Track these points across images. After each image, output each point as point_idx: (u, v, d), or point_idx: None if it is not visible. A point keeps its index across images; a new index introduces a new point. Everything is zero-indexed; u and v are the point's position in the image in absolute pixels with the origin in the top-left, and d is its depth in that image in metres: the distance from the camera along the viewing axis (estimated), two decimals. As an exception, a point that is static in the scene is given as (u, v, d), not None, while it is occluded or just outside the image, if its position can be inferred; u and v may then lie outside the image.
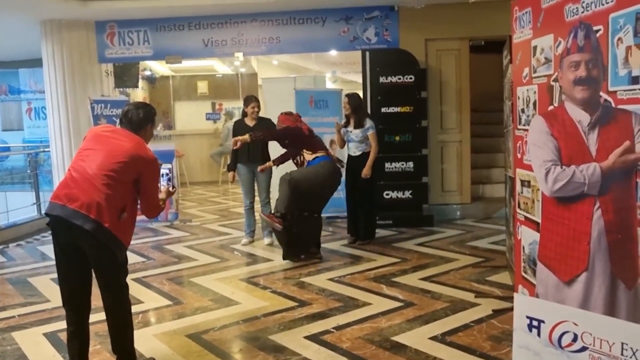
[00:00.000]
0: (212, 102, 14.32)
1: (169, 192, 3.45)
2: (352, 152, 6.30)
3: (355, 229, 6.49)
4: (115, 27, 8.07)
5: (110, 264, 3.09)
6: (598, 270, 2.45)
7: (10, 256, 6.54)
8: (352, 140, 6.24)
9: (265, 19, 7.89)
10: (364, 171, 6.14)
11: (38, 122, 11.57)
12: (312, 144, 5.70)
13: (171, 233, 7.44)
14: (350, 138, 6.25)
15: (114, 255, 3.07)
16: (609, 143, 2.34)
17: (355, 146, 6.24)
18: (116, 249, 3.05)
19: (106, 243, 2.98)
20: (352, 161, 6.30)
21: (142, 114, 3.24)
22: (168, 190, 3.45)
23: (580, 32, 2.43)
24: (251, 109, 6.25)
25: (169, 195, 3.45)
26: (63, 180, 3.10)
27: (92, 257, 3.05)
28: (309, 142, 5.70)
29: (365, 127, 6.16)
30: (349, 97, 6.32)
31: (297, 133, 5.67)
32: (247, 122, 6.29)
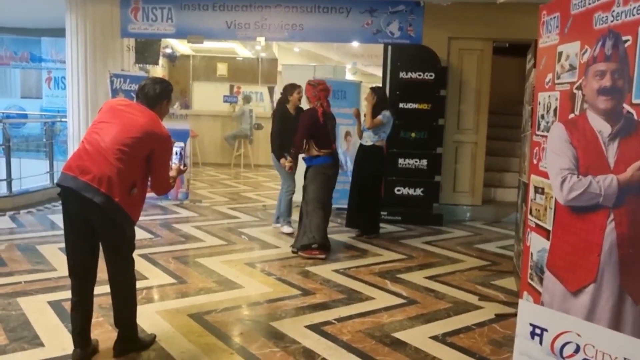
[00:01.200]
0: (231, 84, 14.31)
1: (179, 170, 3.43)
2: (364, 141, 6.29)
3: (356, 222, 6.46)
4: (140, 2, 8.06)
5: (118, 238, 3.12)
6: (606, 283, 2.42)
7: (20, 222, 6.61)
8: (366, 130, 6.24)
9: (289, 5, 7.85)
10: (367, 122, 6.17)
11: (57, 92, 11.65)
12: (321, 138, 5.57)
13: (180, 212, 7.48)
14: (366, 128, 6.24)
15: (123, 229, 3.08)
16: (628, 155, 2.30)
17: (368, 135, 6.23)
18: (125, 223, 3.06)
19: (115, 217, 3.00)
20: (362, 150, 6.32)
21: (159, 89, 3.23)
22: (179, 168, 3.43)
23: (609, 41, 2.38)
24: (297, 94, 6.24)
25: (179, 174, 3.44)
26: (76, 152, 3.11)
27: (101, 231, 3.07)
28: (320, 134, 5.56)
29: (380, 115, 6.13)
30: (373, 89, 6.31)
31: (312, 125, 5.54)
32: (290, 109, 6.31)
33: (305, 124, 5.57)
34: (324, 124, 5.58)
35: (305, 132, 5.56)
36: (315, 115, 5.55)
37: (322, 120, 5.56)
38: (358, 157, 6.39)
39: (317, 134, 5.56)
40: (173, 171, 3.38)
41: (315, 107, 5.60)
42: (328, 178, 5.60)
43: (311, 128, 5.54)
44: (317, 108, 5.58)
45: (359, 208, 6.39)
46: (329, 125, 5.65)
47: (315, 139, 5.56)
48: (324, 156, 5.58)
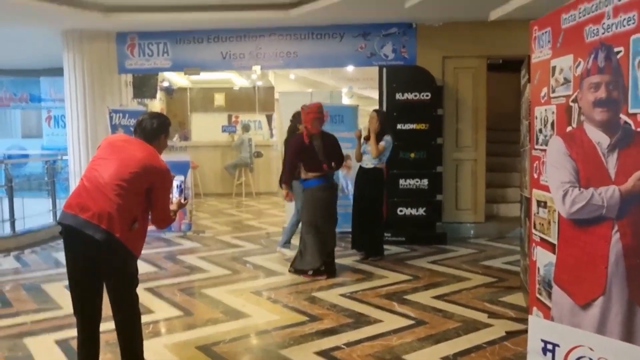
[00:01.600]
0: (229, 114, 14.41)
1: (180, 204, 3.42)
2: (365, 164, 6.30)
3: (360, 244, 6.46)
4: (136, 38, 8.17)
5: (120, 274, 3.11)
6: (615, 295, 2.41)
7: (25, 262, 6.59)
8: (368, 152, 6.24)
9: (283, 33, 7.96)
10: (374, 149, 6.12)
11: (57, 130, 11.72)
12: (308, 161, 5.62)
13: (184, 244, 7.46)
14: (368, 150, 6.23)
15: (125, 265, 3.08)
16: (628, 166, 2.31)
17: (368, 158, 6.24)
18: (127, 259, 3.06)
19: (117, 253, 2.99)
20: (363, 173, 6.32)
21: (156, 123, 3.24)
22: (180, 201, 3.42)
23: (601, 54, 2.41)
24: None
25: (180, 207, 3.43)
26: (76, 189, 3.11)
27: (103, 267, 3.05)
28: (306, 157, 5.62)
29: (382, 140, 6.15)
30: (377, 112, 6.34)
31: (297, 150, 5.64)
32: None
33: (290, 150, 5.74)
34: (310, 146, 5.58)
35: (290, 158, 5.73)
36: (300, 140, 5.63)
37: (308, 142, 5.57)
38: (359, 180, 6.40)
39: (304, 158, 5.63)
40: (174, 205, 3.37)
41: (301, 131, 5.68)
42: (318, 200, 5.61)
43: (296, 153, 5.66)
44: (302, 131, 5.65)
45: (361, 230, 6.38)
46: (317, 147, 5.58)
47: (303, 162, 5.65)
48: (313, 179, 5.61)
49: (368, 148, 6.23)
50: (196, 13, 7.24)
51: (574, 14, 3.10)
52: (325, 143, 5.66)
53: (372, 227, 6.37)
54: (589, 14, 2.93)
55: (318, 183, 5.61)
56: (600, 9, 2.82)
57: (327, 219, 5.68)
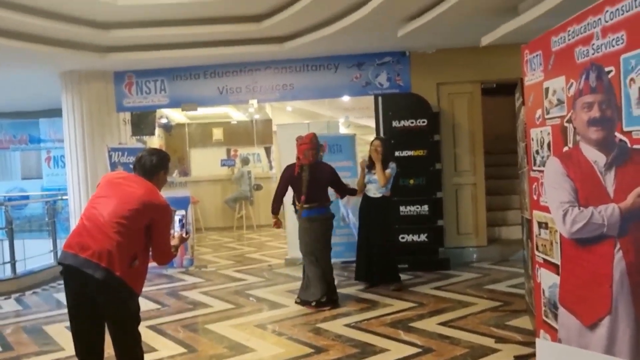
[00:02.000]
0: (227, 148, 14.48)
1: (182, 239, 3.42)
2: (372, 193, 6.24)
3: (367, 274, 6.36)
4: (133, 77, 8.27)
5: (121, 313, 3.08)
6: (622, 314, 2.39)
7: (26, 304, 6.54)
8: (374, 181, 6.18)
9: (278, 67, 8.05)
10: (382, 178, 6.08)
11: (57, 170, 11.76)
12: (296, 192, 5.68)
13: (186, 279, 7.41)
14: (374, 179, 6.18)
15: (126, 304, 3.06)
16: (626, 183, 2.32)
17: (376, 187, 6.19)
18: (128, 297, 3.04)
19: (117, 292, 2.98)
20: (371, 203, 6.25)
21: (155, 160, 3.25)
22: (181, 236, 3.41)
23: (592, 74, 2.44)
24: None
25: (182, 242, 3.43)
26: (75, 229, 3.12)
27: (104, 306, 3.03)
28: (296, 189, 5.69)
29: (388, 168, 6.15)
30: (382, 140, 6.33)
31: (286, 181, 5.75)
32: None
33: (281, 179, 5.86)
34: (299, 177, 5.60)
35: (279, 186, 5.84)
36: (290, 171, 5.72)
37: (298, 173, 5.61)
38: (365, 209, 6.31)
39: (294, 188, 5.71)
40: (175, 240, 3.37)
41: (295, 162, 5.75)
42: (307, 230, 5.63)
43: (285, 183, 5.76)
44: (296, 163, 5.71)
45: (370, 261, 6.30)
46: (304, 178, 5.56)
47: (294, 193, 5.73)
48: (304, 209, 5.63)
49: (373, 177, 6.19)
50: (192, 49, 7.33)
51: (564, 36, 3.16)
52: (314, 175, 5.62)
53: (388, 256, 6.30)
54: (578, 36, 2.98)
55: (306, 214, 5.63)
56: (589, 30, 2.86)
57: (322, 249, 5.66)
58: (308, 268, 5.65)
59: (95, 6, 5.97)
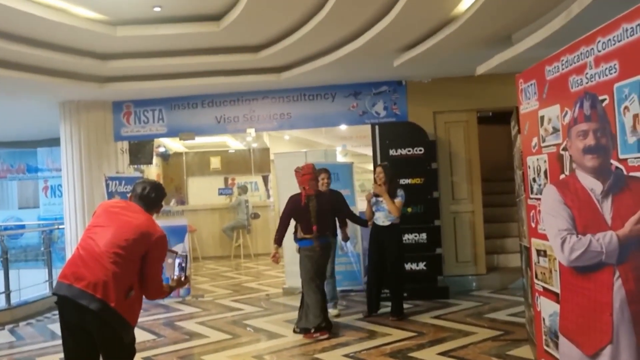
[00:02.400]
0: (225, 177, 14.49)
1: (180, 282, 3.37)
2: (381, 221, 6.20)
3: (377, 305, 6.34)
4: (131, 106, 8.33)
5: (116, 344, 3.03)
6: (623, 343, 2.36)
7: (19, 335, 6.44)
8: (382, 209, 6.17)
9: (276, 96, 8.12)
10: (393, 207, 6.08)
11: (54, 200, 11.74)
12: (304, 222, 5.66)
13: (183, 309, 7.33)
14: (381, 207, 6.17)
15: (120, 336, 3.00)
16: (623, 211, 2.32)
17: (384, 215, 6.16)
18: (122, 329, 2.99)
19: (112, 323, 2.94)
20: (380, 231, 6.21)
21: (154, 195, 3.27)
22: (179, 279, 3.36)
23: (586, 102, 2.46)
24: (321, 180, 6.14)
25: (180, 285, 3.39)
26: (71, 258, 3.07)
27: (98, 338, 2.99)
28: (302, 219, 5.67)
29: (397, 196, 6.14)
30: (384, 167, 6.31)
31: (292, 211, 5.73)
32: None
33: (285, 210, 5.81)
34: (305, 207, 5.62)
35: (284, 217, 5.76)
36: (297, 200, 5.69)
37: (305, 204, 5.62)
38: (376, 238, 6.27)
39: (300, 219, 5.69)
40: (173, 282, 3.34)
41: (300, 192, 5.73)
42: (310, 259, 5.61)
43: (291, 214, 5.73)
44: (301, 192, 5.71)
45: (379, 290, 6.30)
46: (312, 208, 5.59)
47: (299, 223, 5.71)
48: (305, 239, 5.63)
49: (381, 205, 6.16)
50: (190, 79, 7.41)
51: (557, 66, 3.20)
52: (321, 203, 5.68)
53: (397, 286, 6.26)
54: (571, 65, 3.02)
55: (309, 244, 5.61)
56: (582, 59, 2.91)
57: (320, 276, 5.69)
58: (309, 295, 5.60)
59: (94, 37, 6.03)
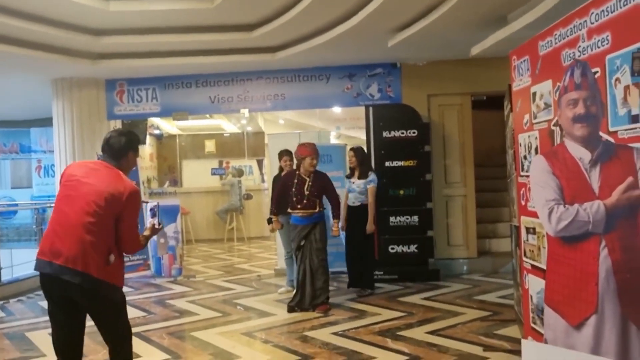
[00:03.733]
0: (220, 160, 14.45)
1: (153, 229, 3.31)
2: (352, 202, 6.45)
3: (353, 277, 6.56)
4: (124, 85, 8.26)
5: (106, 309, 3.05)
6: (608, 313, 2.37)
7: (9, 311, 6.43)
8: (352, 190, 6.41)
9: (270, 77, 8.08)
10: (368, 227, 6.29)
11: (47, 180, 11.71)
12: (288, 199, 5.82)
13: (174, 288, 7.33)
14: (352, 188, 6.41)
15: (110, 299, 3.01)
16: (611, 180, 2.31)
17: (354, 197, 6.40)
18: (111, 293, 3.00)
19: (99, 292, 2.94)
20: (351, 212, 6.43)
21: (124, 140, 3.12)
22: (153, 226, 3.31)
23: (577, 70, 2.45)
24: (283, 162, 6.48)
25: (154, 233, 3.34)
26: (46, 232, 3.03)
27: (88, 308, 3.02)
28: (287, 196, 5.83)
29: (368, 179, 6.33)
30: (355, 150, 6.54)
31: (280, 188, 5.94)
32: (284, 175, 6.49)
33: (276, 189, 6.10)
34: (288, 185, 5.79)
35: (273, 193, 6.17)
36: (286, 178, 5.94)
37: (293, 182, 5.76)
38: (348, 218, 6.46)
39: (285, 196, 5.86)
40: (147, 230, 3.30)
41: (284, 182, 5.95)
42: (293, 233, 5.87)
43: (279, 190, 5.96)
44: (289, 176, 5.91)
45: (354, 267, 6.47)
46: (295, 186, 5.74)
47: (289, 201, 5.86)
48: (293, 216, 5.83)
49: (353, 185, 6.40)
50: (184, 58, 7.35)
51: (550, 40, 3.18)
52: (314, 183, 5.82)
53: (365, 262, 6.45)
54: (564, 39, 3.00)
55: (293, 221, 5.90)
56: (575, 32, 2.88)
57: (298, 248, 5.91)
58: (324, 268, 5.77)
59: (87, 12, 5.97)
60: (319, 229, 5.73)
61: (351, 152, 6.54)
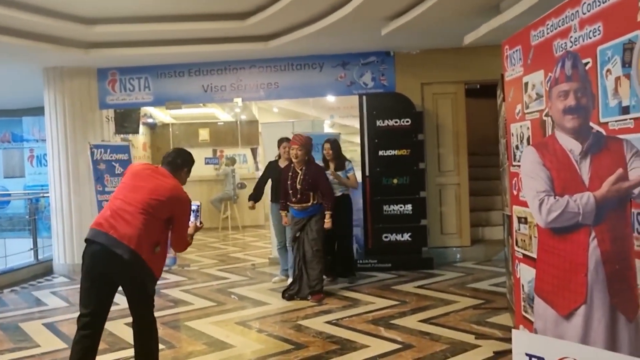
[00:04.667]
0: (214, 149, 14.42)
1: (196, 228, 3.68)
2: None
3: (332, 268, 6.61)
4: (116, 74, 8.20)
5: (143, 294, 3.31)
6: (597, 303, 2.39)
7: (3, 302, 6.43)
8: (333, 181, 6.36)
9: (263, 65, 8.03)
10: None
11: (39, 169, 11.64)
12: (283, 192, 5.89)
13: (168, 277, 7.34)
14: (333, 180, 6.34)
15: (146, 286, 3.29)
16: (601, 171, 2.32)
17: (336, 187, 6.38)
18: (148, 279, 3.27)
19: (141, 273, 3.21)
20: None
21: (180, 160, 3.56)
22: (196, 225, 3.68)
23: (568, 62, 2.45)
24: (282, 149, 6.47)
25: (196, 231, 3.68)
26: (104, 210, 3.32)
27: (127, 286, 3.27)
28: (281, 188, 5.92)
29: (346, 169, 6.45)
30: (331, 142, 6.58)
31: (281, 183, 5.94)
32: (280, 163, 6.57)
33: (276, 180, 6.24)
34: (284, 179, 5.82)
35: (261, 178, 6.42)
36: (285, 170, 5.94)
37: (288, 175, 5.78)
38: None
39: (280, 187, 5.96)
40: (191, 229, 3.62)
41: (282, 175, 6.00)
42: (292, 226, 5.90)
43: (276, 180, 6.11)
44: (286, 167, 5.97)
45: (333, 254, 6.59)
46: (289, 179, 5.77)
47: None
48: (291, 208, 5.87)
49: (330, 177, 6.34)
50: (176, 47, 7.29)
51: (543, 30, 3.17)
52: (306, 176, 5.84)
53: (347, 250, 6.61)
54: (556, 29, 2.99)
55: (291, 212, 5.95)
56: (567, 23, 2.88)
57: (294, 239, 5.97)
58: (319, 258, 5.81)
59: (77, 0, 5.90)
60: (315, 221, 5.74)
61: (327, 145, 6.53)
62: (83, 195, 7.94)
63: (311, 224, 5.74)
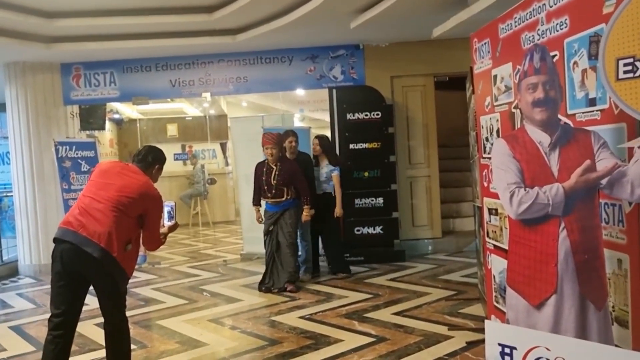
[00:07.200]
0: (182, 144, 14.22)
1: (171, 228, 3.63)
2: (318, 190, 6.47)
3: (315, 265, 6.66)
4: (81, 69, 8.01)
5: (114, 292, 3.25)
6: (567, 292, 2.42)
7: (-33, 305, 6.25)
8: (317, 178, 6.43)
9: (232, 59, 7.95)
10: (337, 210, 6.36)
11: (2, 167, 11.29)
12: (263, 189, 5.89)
13: (139, 276, 7.22)
14: (316, 175, 6.44)
15: (117, 284, 3.23)
16: (570, 163, 2.35)
17: (317, 185, 6.43)
18: (120, 278, 3.21)
19: (112, 272, 3.15)
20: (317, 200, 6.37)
21: (151, 157, 3.50)
22: (170, 226, 3.63)
23: (536, 55, 2.47)
24: (289, 143, 6.24)
25: (171, 230, 3.63)
26: (73, 209, 3.27)
27: (98, 285, 3.22)
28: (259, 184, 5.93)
29: (330, 169, 6.42)
30: (320, 138, 6.59)
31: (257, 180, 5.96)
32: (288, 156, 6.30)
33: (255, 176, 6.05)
34: (259, 175, 5.87)
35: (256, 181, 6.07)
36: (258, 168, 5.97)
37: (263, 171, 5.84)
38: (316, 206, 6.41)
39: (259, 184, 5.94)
40: (165, 229, 3.58)
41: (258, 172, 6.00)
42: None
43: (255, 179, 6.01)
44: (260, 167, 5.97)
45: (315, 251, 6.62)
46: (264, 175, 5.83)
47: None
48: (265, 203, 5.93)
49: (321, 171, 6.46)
50: (142, 41, 7.15)
51: (510, 23, 3.20)
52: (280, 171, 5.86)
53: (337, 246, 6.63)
54: (524, 22, 3.02)
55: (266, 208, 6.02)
56: (534, 16, 2.90)
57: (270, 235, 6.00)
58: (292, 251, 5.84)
59: (38, -7, 5.74)
60: (289, 214, 5.78)
61: (316, 140, 6.59)
62: (48, 193, 7.75)
63: (285, 217, 5.79)
